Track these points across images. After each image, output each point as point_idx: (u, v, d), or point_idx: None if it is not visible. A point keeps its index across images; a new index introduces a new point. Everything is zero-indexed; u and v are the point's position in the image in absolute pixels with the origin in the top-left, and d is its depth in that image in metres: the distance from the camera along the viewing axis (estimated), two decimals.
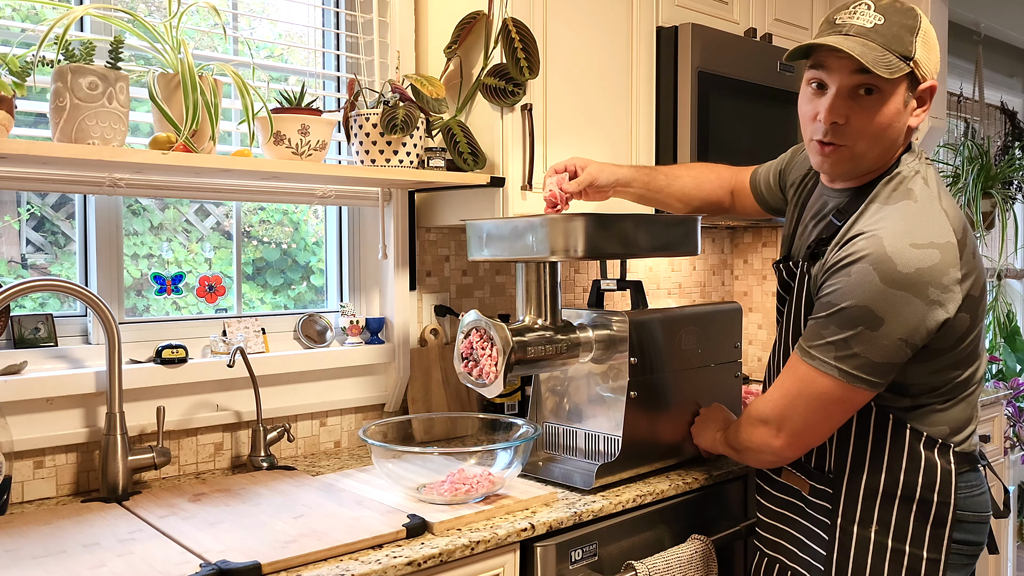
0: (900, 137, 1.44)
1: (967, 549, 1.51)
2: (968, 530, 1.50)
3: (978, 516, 1.51)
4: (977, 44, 4.36)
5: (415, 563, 1.40)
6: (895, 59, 1.35)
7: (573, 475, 1.81)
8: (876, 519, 1.49)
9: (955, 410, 1.50)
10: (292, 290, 2.21)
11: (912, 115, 1.42)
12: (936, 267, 1.35)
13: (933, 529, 1.46)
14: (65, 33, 1.48)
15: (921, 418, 1.48)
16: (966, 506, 1.49)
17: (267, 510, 1.59)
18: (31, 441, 1.69)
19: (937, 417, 1.49)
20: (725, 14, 2.55)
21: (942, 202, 1.44)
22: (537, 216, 1.71)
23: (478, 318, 1.71)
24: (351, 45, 2.20)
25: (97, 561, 1.34)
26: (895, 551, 1.47)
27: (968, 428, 1.52)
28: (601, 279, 2.02)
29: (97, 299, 1.66)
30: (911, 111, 1.42)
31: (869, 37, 1.36)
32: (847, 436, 1.53)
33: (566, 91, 2.13)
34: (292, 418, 2.07)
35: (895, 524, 1.48)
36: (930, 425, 1.48)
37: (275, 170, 1.76)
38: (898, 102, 1.39)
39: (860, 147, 1.42)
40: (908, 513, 1.48)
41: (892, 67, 1.34)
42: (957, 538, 1.49)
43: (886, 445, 1.49)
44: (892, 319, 1.35)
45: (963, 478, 1.50)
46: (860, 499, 1.51)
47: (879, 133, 1.40)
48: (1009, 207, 4.26)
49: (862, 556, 1.50)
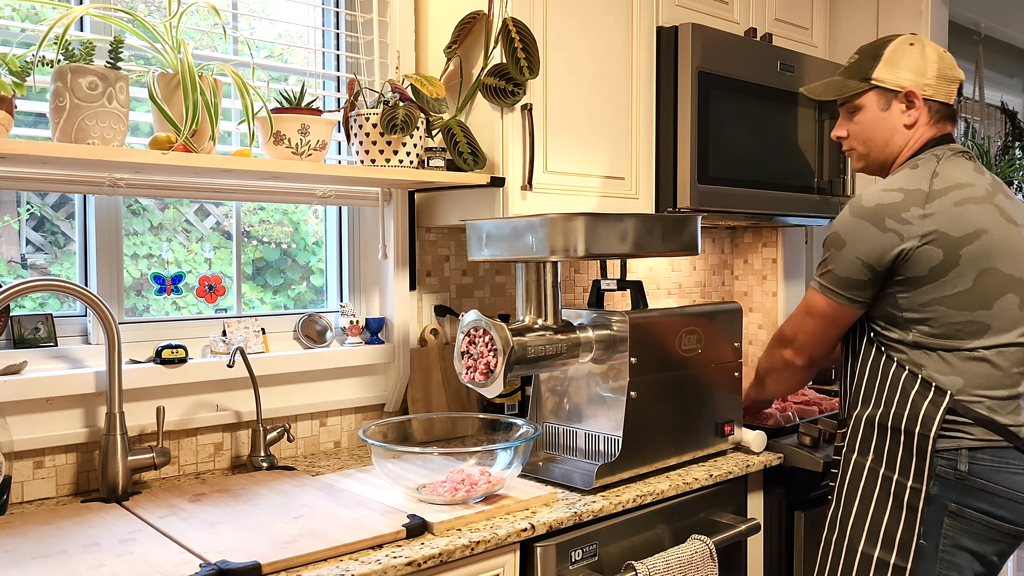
0: (894, 135, 1.82)
1: (996, 523, 1.64)
2: (997, 504, 1.64)
3: (1012, 493, 1.64)
4: (977, 44, 4.36)
5: (415, 563, 1.40)
6: (853, 83, 1.84)
7: (573, 475, 1.81)
8: (872, 448, 1.73)
9: (966, 366, 1.66)
10: (292, 290, 2.21)
11: (904, 115, 1.81)
12: (896, 204, 1.68)
13: (916, 460, 1.66)
14: (65, 33, 1.48)
15: (920, 362, 1.69)
16: (999, 480, 1.64)
17: (267, 510, 1.59)
18: (31, 441, 1.69)
19: (943, 367, 1.67)
20: (725, 14, 2.55)
21: (939, 166, 1.74)
22: (537, 216, 1.71)
23: (478, 318, 1.71)
24: (351, 45, 2.20)
25: (97, 561, 1.34)
26: (884, 478, 1.70)
27: (993, 391, 1.66)
28: (601, 279, 2.02)
29: (97, 299, 1.66)
30: (899, 113, 1.81)
31: (841, 73, 1.89)
32: (861, 379, 1.78)
33: (566, 91, 2.13)
34: (292, 418, 2.06)
35: (887, 453, 1.71)
36: (929, 371, 1.68)
37: (275, 170, 1.76)
38: (874, 110, 1.83)
39: (860, 148, 1.89)
40: (897, 443, 1.69)
41: (845, 90, 1.85)
42: (986, 509, 1.64)
43: (886, 383, 1.73)
44: (852, 241, 1.70)
45: (1001, 452, 1.64)
46: (861, 429, 1.76)
47: (869, 135, 1.85)
48: None
49: (856, 480, 1.74)
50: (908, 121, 1.80)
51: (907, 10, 2.83)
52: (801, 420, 2.28)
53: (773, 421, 2.26)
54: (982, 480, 1.64)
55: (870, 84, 1.81)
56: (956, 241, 1.65)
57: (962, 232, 1.65)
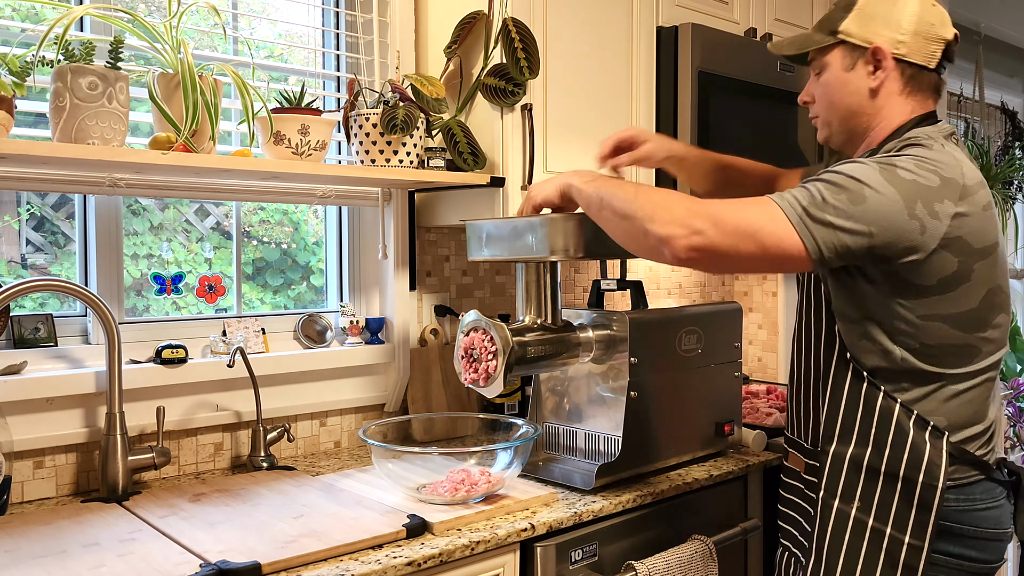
0: (858, 101, 1.52)
1: (966, 565, 1.44)
2: (969, 545, 1.43)
3: (981, 532, 1.44)
4: (977, 44, 4.36)
5: (415, 563, 1.40)
6: (819, 36, 1.55)
7: (573, 475, 1.81)
8: (859, 495, 1.46)
9: (957, 400, 1.43)
10: (292, 290, 2.21)
11: (870, 78, 1.50)
12: (932, 189, 1.35)
13: (917, 513, 1.41)
14: (65, 33, 1.48)
15: (914, 399, 1.44)
16: (965, 520, 1.43)
17: (267, 510, 1.59)
18: (31, 441, 1.69)
19: (933, 403, 1.43)
20: (725, 14, 2.55)
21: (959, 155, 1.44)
22: (537, 216, 1.71)
23: (478, 318, 1.71)
24: (351, 45, 2.20)
25: (97, 561, 1.34)
26: (875, 531, 1.44)
27: (974, 427, 1.45)
28: (601, 279, 2.02)
29: (97, 299, 1.66)
30: (866, 75, 1.50)
31: (813, 27, 1.59)
32: (837, 408, 1.50)
33: (566, 91, 2.13)
34: (292, 418, 2.06)
35: (877, 502, 1.44)
36: (924, 409, 1.43)
37: (275, 170, 1.76)
38: (836, 70, 1.53)
39: (824, 115, 1.59)
40: (892, 492, 1.43)
41: (809, 43, 1.56)
42: (954, 552, 1.43)
43: (874, 418, 1.45)
44: (871, 202, 1.33)
45: (968, 490, 1.43)
46: (843, 472, 1.48)
47: (831, 98, 1.55)
48: (1009, 207, 4.26)
49: (840, 533, 1.47)
50: (873, 84, 1.50)
51: None
52: None
53: (774, 421, 2.26)
54: (947, 523, 1.43)
55: (836, 38, 1.52)
56: (973, 253, 1.39)
57: (982, 244, 1.39)
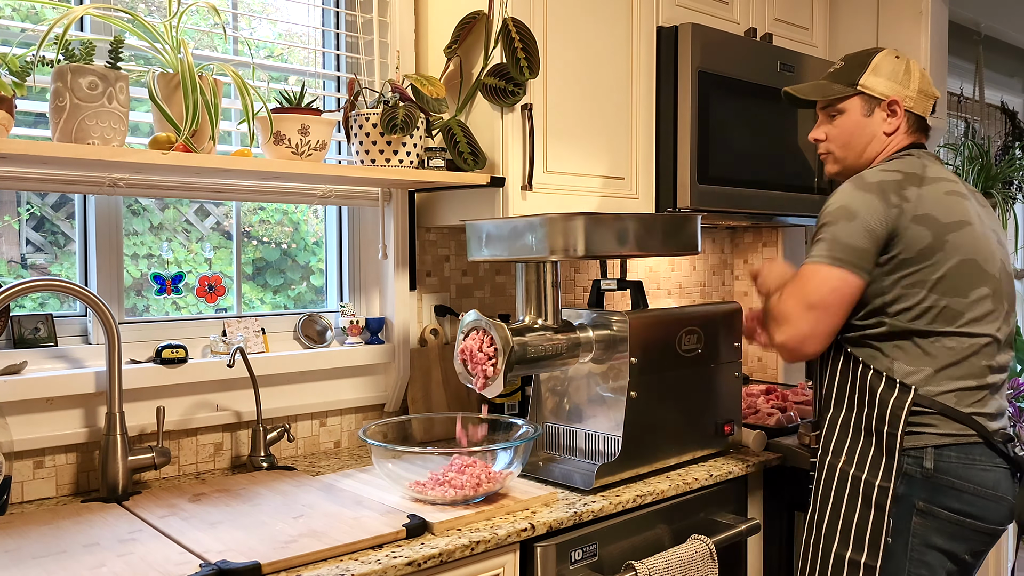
0: (873, 140, 1.87)
1: (966, 521, 1.65)
2: (968, 502, 1.65)
3: (980, 490, 1.65)
4: (977, 44, 4.35)
5: (415, 563, 1.40)
6: (839, 87, 1.89)
7: (573, 475, 1.81)
8: (846, 450, 1.75)
9: (937, 351, 1.68)
10: (292, 290, 2.21)
11: (885, 123, 1.86)
12: (897, 181, 1.72)
13: (886, 458, 1.68)
14: (65, 33, 1.48)
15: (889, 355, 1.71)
16: (965, 476, 1.65)
17: (267, 510, 1.59)
18: (31, 441, 1.69)
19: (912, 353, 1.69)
20: (725, 14, 2.55)
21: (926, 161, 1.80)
22: (537, 216, 1.71)
23: (478, 318, 1.71)
24: (351, 45, 2.20)
25: (97, 561, 1.34)
26: (854, 478, 1.73)
27: (963, 381, 1.67)
28: (601, 279, 2.02)
29: (97, 299, 1.66)
30: (881, 120, 1.86)
31: (825, 77, 1.94)
32: (832, 382, 1.80)
33: (566, 91, 2.13)
34: (292, 418, 2.06)
35: (858, 454, 1.73)
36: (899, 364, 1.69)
37: (275, 170, 1.76)
38: (856, 115, 1.88)
39: (837, 152, 1.92)
40: (869, 444, 1.72)
41: (831, 92, 1.89)
42: (955, 507, 1.65)
43: (856, 385, 1.75)
44: (863, 212, 1.69)
45: (967, 449, 1.65)
46: (836, 432, 1.78)
47: (847, 139, 1.89)
48: (1009, 207, 4.25)
49: (830, 483, 1.77)
50: (888, 129, 1.86)
51: (907, 10, 2.83)
52: (801, 420, 2.28)
53: (774, 421, 2.26)
54: (949, 477, 1.65)
55: (856, 89, 1.86)
56: (943, 226, 1.69)
57: (949, 219, 1.70)
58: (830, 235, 1.71)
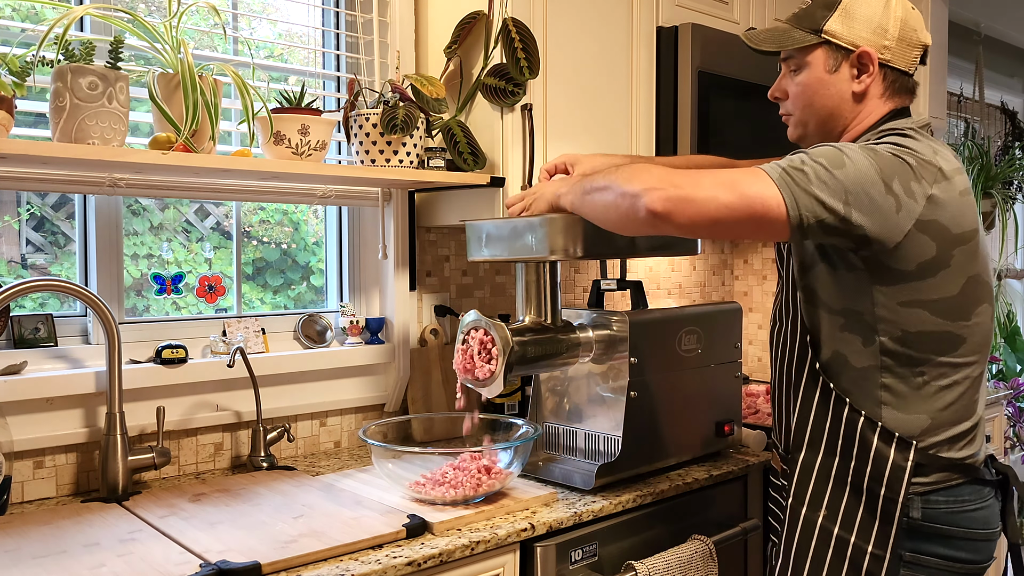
0: (840, 103, 1.50)
1: (955, 567, 1.44)
2: (959, 547, 1.43)
3: (971, 533, 1.43)
4: (977, 44, 4.36)
5: (415, 563, 1.40)
6: (800, 34, 1.51)
7: (573, 475, 1.81)
8: (825, 503, 1.47)
9: (933, 395, 1.42)
10: (292, 290, 2.21)
11: (855, 81, 1.49)
12: (908, 169, 1.35)
13: (880, 524, 1.43)
14: (65, 33, 1.48)
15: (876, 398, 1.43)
16: (954, 521, 1.43)
17: (267, 510, 1.59)
18: (31, 441, 1.69)
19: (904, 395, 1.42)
20: (725, 14, 2.55)
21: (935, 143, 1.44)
22: (537, 216, 1.71)
23: (478, 318, 1.71)
24: (351, 45, 2.20)
25: (97, 561, 1.34)
26: (839, 539, 1.46)
27: (959, 426, 1.43)
28: (601, 279, 2.02)
29: (97, 299, 1.66)
30: (850, 78, 1.49)
31: (787, 22, 1.55)
32: (806, 418, 1.51)
33: (566, 91, 2.13)
34: (292, 418, 2.06)
35: (843, 511, 1.46)
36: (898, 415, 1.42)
37: (275, 170, 1.76)
38: (818, 70, 1.50)
39: (799, 114, 1.56)
40: (857, 502, 1.45)
41: (789, 41, 1.51)
42: (944, 554, 1.43)
43: (839, 427, 1.46)
44: (851, 168, 1.33)
45: (955, 491, 1.43)
46: (812, 481, 1.49)
47: (809, 99, 1.52)
48: (1009, 207, 4.26)
49: (807, 540, 1.49)
50: (857, 89, 1.49)
51: None
52: None
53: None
54: (937, 525, 1.42)
55: (820, 38, 1.49)
56: (952, 238, 1.38)
57: (961, 229, 1.38)
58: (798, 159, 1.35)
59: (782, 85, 1.58)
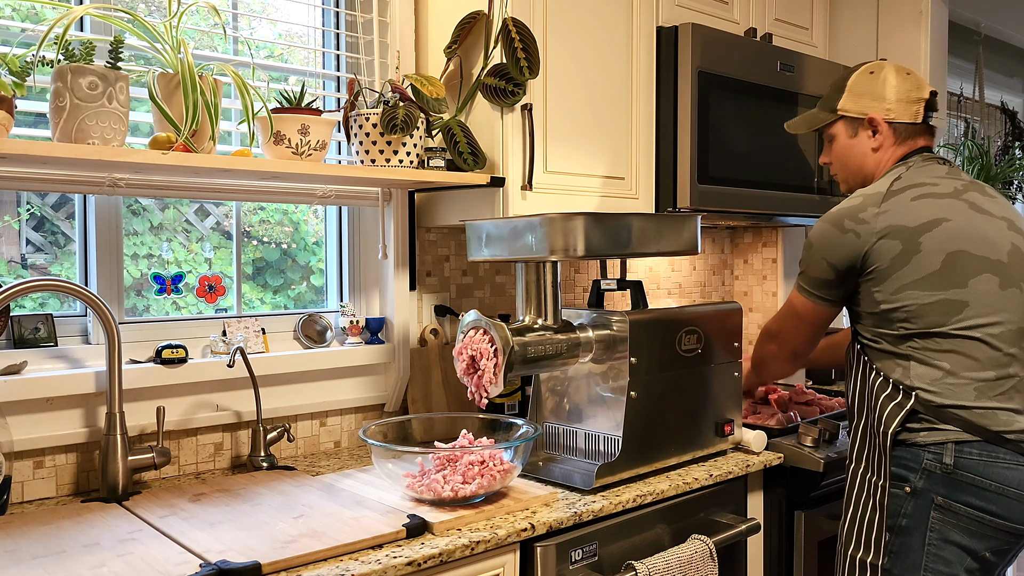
0: (864, 159, 1.95)
1: (987, 519, 1.64)
2: (991, 500, 1.63)
3: (1003, 488, 1.63)
4: (977, 44, 4.36)
5: (415, 563, 1.40)
6: (824, 115, 2.00)
7: (573, 475, 1.81)
8: (863, 456, 1.80)
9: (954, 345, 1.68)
10: (292, 290, 2.21)
11: (871, 140, 1.93)
12: (855, 207, 1.79)
13: (879, 456, 1.74)
14: (65, 33, 1.48)
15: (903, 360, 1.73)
16: (988, 474, 1.63)
17: (267, 510, 1.59)
18: (31, 441, 1.69)
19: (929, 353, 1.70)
20: (725, 14, 2.55)
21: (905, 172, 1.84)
22: (537, 216, 1.71)
23: (478, 318, 1.71)
24: (351, 45, 2.20)
25: (97, 561, 1.34)
26: (863, 480, 1.79)
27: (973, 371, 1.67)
28: (601, 279, 2.02)
29: (97, 299, 1.66)
30: (866, 139, 1.93)
31: (817, 106, 2.05)
32: (854, 390, 1.84)
33: (566, 91, 2.13)
34: (292, 418, 2.07)
35: (866, 457, 1.80)
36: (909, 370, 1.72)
37: (275, 170, 1.76)
38: (844, 139, 1.98)
39: (841, 173, 2.03)
40: (874, 446, 1.77)
41: (817, 121, 2.02)
42: (977, 504, 1.63)
43: (869, 393, 1.79)
44: (818, 244, 1.82)
45: (990, 447, 1.64)
46: (857, 440, 1.83)
47: (842, 160, 2.00)
48: None
49: (851, 490, 1.82)
50: (875, 145, 1.92)
51: (907, 10, 2.83)
52: (801, 420, 2.28)
53: (775, 421, 2.26)
54: (969, 474, 1.64)
55: (837, 115, 1.96)
56: (912, 231, 1.72)
57: (918, 221, 1.73)
58: (802, 265, 1.87)
59: (827, 153, 2.04)
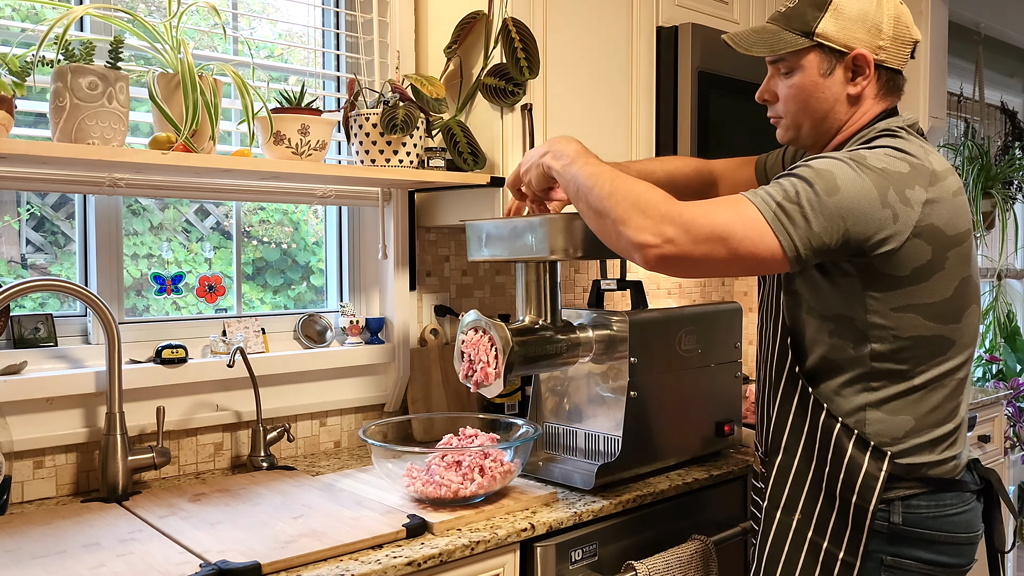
0: (837, 105, 1.45)
1: (936, 571, 1.42)
2: (941, 551, 1.41)
3: (952, 537, 1.41)
4: (977, 44, 4.36)
5: (415, 563, 1.40)
6: (792, 36, 1.43)
7: (573, 475, 1.81)
8: (800, 508, 1.46)
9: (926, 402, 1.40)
10: (292, 290, 2.21)
11: (850, 84, 1.43)
12: (903, 176, 1.32)
13: (852, 532, 1.41)
14: (65, 33, 1.48)
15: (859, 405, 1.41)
16: (937, 526, 1.41)
17: (267, 510, 1.59)
18: (31, 441, 1.69)
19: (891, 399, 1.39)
20: (725, 14, 2.55)
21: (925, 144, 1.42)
22: (537, 216, 1.71)
23: (478, 318, 1.71)
24: (351, 45, 2.20)
25: (97, 561, 1.34)
26: (812, 543, 1.44)
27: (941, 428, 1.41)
28: (601, 279, 2.02)
29: (97, 299, 1.66)
30: (844, 81, 1.43)
31: (774, 22, 1.47)
32: (784, 421, 1.49)
33: (566, 91, 2.13)
34: (292, 418, 2.07)
35: (817, 516, 1.44)
36: (875, 418, 1.40)
37: (275, 170, 1.76)
38: (811, 74, 1.44)
39: (791, 117, 1.49)
40: (831, 508, 1.43)
41: (780, 45, 1.44)
42: (926, 558, 1.41)
43: (816, 432, 1.44)
44: (847, 191, 1.29)
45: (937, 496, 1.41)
46: (787, 485, 1.48)
47: (803, 103, 1.46)
48: (1009, 207, 4.26)
49: (781, 543, 1.48)
50: (853, 91, 1.43)
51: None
52: None
53: None
54: (919, 529, 1.40)
55: (812, 41, 1.42)
56: (947, 241, 1.34)
57: (955, 230, 1.35)
58: (793, 190, 1.30)
59: (771, 87, 1.51)
